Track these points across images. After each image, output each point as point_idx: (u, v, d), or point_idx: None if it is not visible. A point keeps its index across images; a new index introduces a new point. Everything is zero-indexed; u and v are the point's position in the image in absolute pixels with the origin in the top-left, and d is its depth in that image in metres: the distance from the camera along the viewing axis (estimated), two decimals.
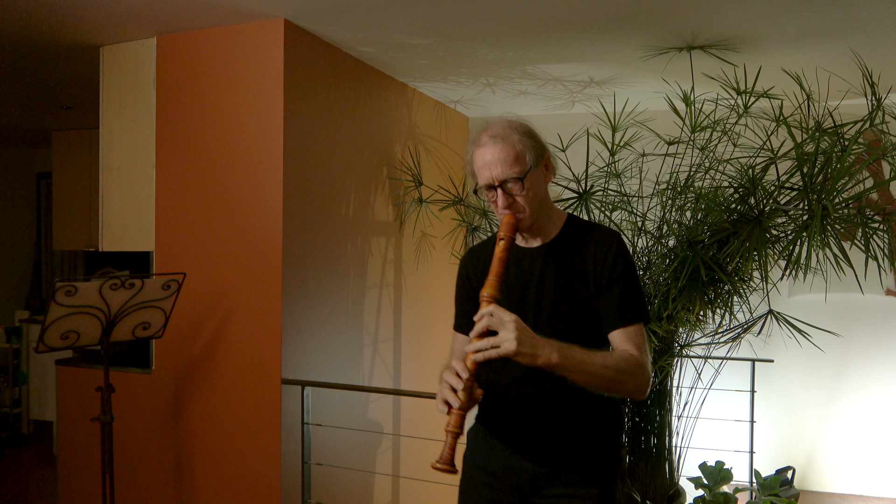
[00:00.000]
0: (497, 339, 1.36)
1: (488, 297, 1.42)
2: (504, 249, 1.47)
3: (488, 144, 1.53)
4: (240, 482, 2.93)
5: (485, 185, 1.54)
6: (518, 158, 1.52)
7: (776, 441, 4.47)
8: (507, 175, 1.51)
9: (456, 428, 1.35)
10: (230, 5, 2.70)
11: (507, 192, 1.52)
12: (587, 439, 1.61)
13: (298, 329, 2.97)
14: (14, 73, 3.71)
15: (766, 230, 2.48)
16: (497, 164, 1.51)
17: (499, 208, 1.54)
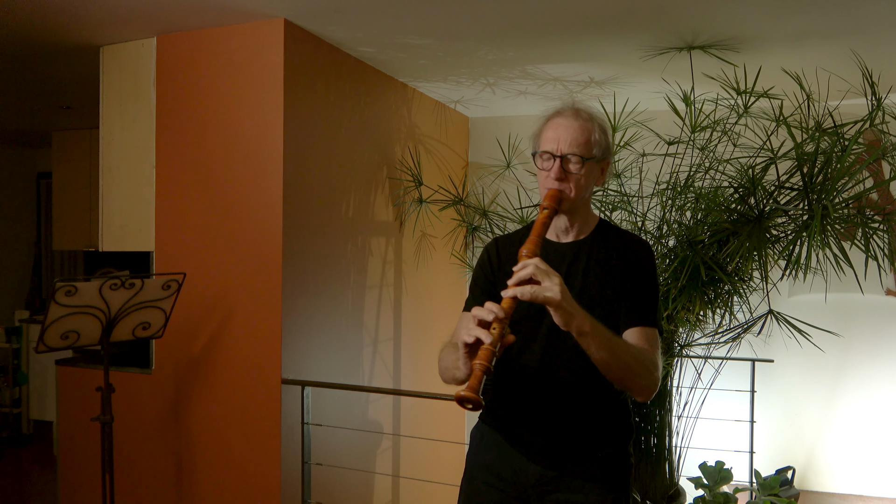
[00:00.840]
0: (542, 286, 1.33)
1: (528, 252, 1.39)
2: (547, 217, 1.48)
3: (570, 117, 1.55)
4: (240, 482, 2.93)
5: (547, 150, 1.54)
6: (589, 143, 1.54)
7: (776, 441, 4.47)
8: (573, 150, 1.52)
9: (486, 361, 1.27)
10: (230, 5, 2.70)
11: (563, 168, 1.52)
12: (597, 443, 1.59)
13: (298, 329, 2.97)
14: (14, 73, 3.71)
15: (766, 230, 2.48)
16: (569, 136, 1.52)
17: (549, 178, 1.53)
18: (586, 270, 1.57)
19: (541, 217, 1.48)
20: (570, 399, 1.56)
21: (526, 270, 1.35)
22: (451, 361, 1.48)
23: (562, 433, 1.56)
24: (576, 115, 1.56)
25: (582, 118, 1.55)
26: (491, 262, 1.67)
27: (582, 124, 1.54)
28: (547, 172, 1.54)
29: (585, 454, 1.57)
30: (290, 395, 2.89)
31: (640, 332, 1.53)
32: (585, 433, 1.57)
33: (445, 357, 1.56)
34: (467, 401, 1.26)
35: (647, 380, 1.48)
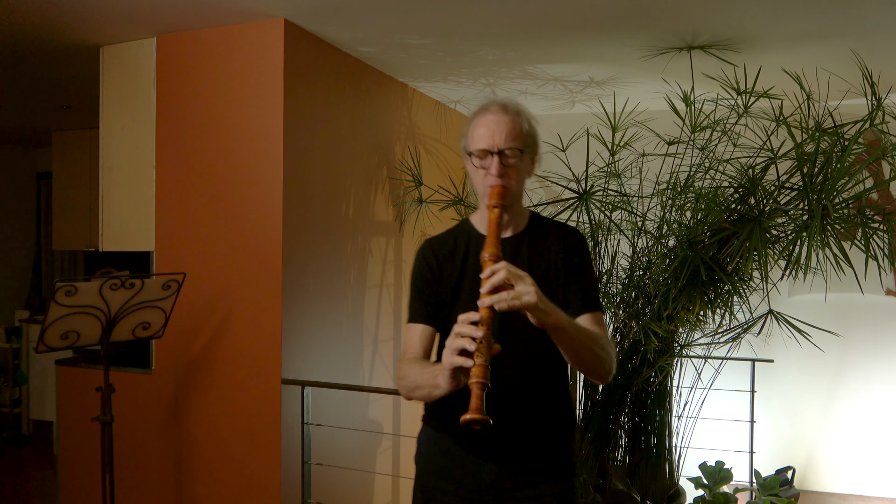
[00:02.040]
0: (517, 291, 1.32)
1: (492, 255, 1.39)
2: (499, 216, 1.49)
3: (499, 112, 1.56)
4: (240, 482, 2.93)
5: (482, 148, 1.54)
6: (522, 135, 1.56)
7: (776, 441, 4.47)
8: (509, 144, 1.53)
9: (483, 378, 1.26)
10: (230, 5, 2.70)
11: (502, 163, 1.53)
12: (547, 436, 1.61)
13: (298, 329, 2.97)
14: (14, 73, 3.71)
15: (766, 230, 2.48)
16: (503, 131, 1.54)
17: (489, 176, 1.53)
18: (529, 264, 1.58)
19: (494, 217, 1.48)
20: (519, 395, 1.57)
21: (499, 276, 1.33)
22: (425, 379, 1.45)
23: (513, 430, 1.57)
24: (504, 109, 1.57)
25: (511, 112, 1.57)
26: (431, 268, 1.64)
27: (512, 118, 1.56)
28: (485, 170, 1.55)
29: (537, 448, 1.59)
30: (290, 395, 2.89)
31: (593, 318, 1.56)
32: (536, 427, 1.59)
33: (413, 375, 1.51)
34: (476, 423, 1.25)
35: (609, 364, 1.52)
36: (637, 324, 2.96)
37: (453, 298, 1.60)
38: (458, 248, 1.64)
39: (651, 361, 2.94)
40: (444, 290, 1.61)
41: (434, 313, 1.61)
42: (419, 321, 1.62)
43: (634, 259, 3.12)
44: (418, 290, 1.65)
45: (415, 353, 1.58)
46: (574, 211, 3.01)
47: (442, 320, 1.60)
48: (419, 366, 1.52)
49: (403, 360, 1.58)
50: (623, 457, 3.19)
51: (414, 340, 1.60)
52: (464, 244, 1.64)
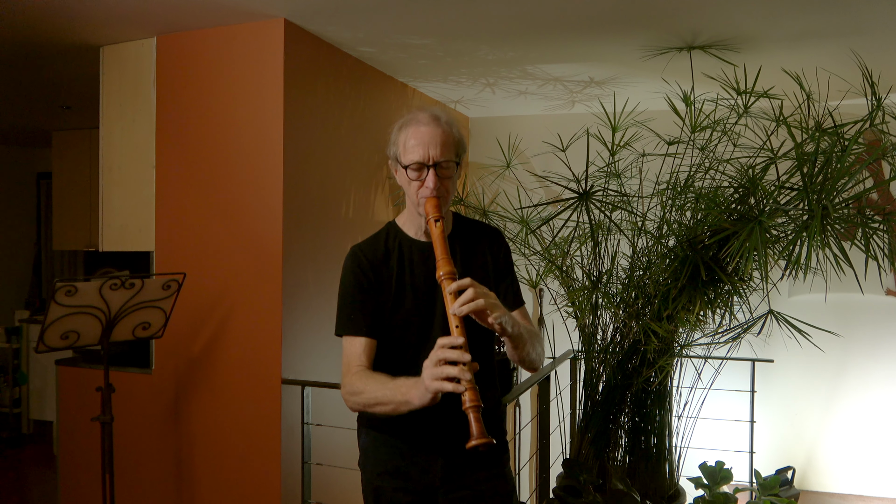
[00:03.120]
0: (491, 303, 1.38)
1: (449, 273, 1.42)
2: (442, 230, 1.50)
3: (431, 124, 1.55)
4: (240, 482, 2.93)
5: (417, 161, 1.53)
6: (453, 145, 1.57)
7: (776, 441, 4.47)
8: (445, 157, 1.54)
9: (477, 402, 1.30)
10: (230, 5, 2.70)
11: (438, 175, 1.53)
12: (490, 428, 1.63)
13: (298, 329, 2.97)
14: (14, 73, 3.71)
15: (766, 230, 2.48)
16: (437, 144, 1.53)
17: (426, 188, 1.53)
18: (463, 263, 1.63)
19: (438, 232, 1.49)
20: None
21: (470, 292, 1.36)
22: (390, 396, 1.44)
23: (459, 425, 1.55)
24: (436, 120, 1.56)
25: (443, 123, 1.56)
26: (367, 277, 1.60)
27: (444, 129, 1.55)
28: (420, 183, 1.54)
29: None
30: (290, 395, 2.89)
31: (521, 313, 1.67)
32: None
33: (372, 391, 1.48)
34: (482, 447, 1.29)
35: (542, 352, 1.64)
36: (637, 324, 2.96)
37: (396, 301, 1.60)
38: (392, 254, 1.63)
39: (651, 361, 2.94)
40: (383, 295, 1.61)
41: (373, 323, 1.59)
42: (360, 333, 1.58)
43: (634, 259, 3.12)
44: (352, 300, 1.60)
45: (360, 365, 1.55)
46: (574, 211, 3.01)
47: (384, 325, 1.60)
48: (375, 381, 1.49)
49: (351, 374, 1.54)
50: (623, 457, 3.19)
51: (356, 353, 1.56)
52: (396, 249, 1.64)
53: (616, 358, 3.13)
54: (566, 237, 3.31)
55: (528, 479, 4.10)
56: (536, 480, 3.32)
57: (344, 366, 1.58)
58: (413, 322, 1.59)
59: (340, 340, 1.63)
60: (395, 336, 1.60)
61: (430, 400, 1.36)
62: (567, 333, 3.66)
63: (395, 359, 1.59)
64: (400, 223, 1.68)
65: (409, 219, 1.66)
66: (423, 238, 1.64)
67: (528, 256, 3.61)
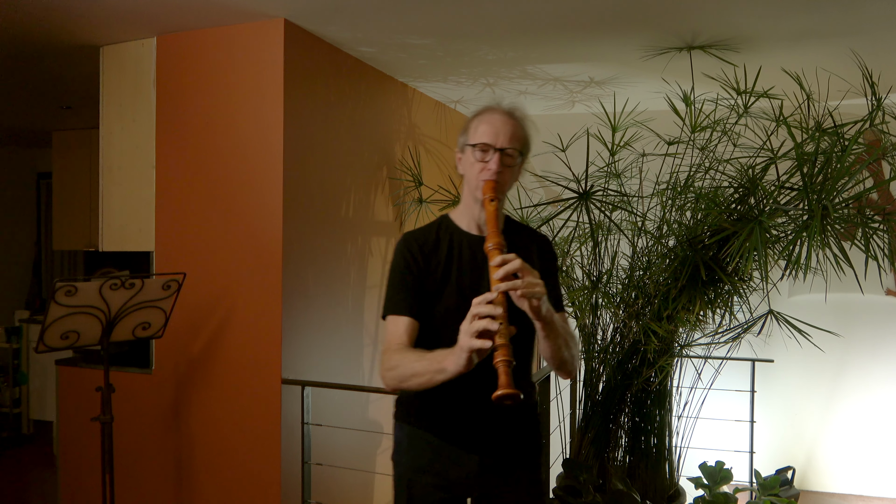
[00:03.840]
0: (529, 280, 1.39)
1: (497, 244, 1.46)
2: (496, 209, 1.56)
3: (506, 114, 1.63)
4: (240, 482, 2.93)
5: (485, 142, 1.59)
6: (522, 139, 1.64)
7: (776, 441, 4.47)
8: (512, 145, 1.60)
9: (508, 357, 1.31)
10: (230, 5, 2.70)
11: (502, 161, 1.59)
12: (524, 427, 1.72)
13: (298, 329, 2.97)
14: (14, 73, 3.71)
15: (766, 230, 2.48)
16: (507, 132, 1.60)
17: (487, 171, 1.59)
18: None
19: (492, 209, 1.55)
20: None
21: (514, 264, 1.40)
22: (425, 366, 1.46)
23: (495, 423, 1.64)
24: (511, 112, 1.64)
25: (516, 116, 1.64)
26: (417, 261, 1.66)
27: (517, 122, 1.64)
28: (482, 164, 1.60)
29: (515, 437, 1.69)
30: (290, 395, 2.89)
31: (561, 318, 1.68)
32: (514, 420, 1.68)
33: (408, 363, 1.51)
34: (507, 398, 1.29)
35: (577, 358, 1.65)
36: (637, 324, 2.96)
37: (438, 292, 1.63)
38: (442, 243, 1.69)
39: (651, 361, 2.94)
40: (429, 283, 1.64)
41: (418, 306, 1.62)
42: (404, 313, 1.61)
43: (634, 259, 3.12)
44: (401, 282, 1.64)
45: (402, 343, 1.58)
46: (574, 211, 3.01)
47: (426, 313, 1.63)
48: (413, 354, 1.53)
49: (391, 350, 1.58)
50: (623, 457, 3.19)
51: (399, 332, 1.59)
52: (447, 239, 1.69)
53: (616, 358, 3.13)
54: (566, 237, 3.31)
55: None
56: None
57: (385, 344, 1.62)
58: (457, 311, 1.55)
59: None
60: (437, 325, 1.61)
61: (466, 362, 1.35)
62: None
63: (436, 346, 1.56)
64: (453, 216, 1.74)
65: (464, 211, 1.71)
66: (475, 231, 1.69)
67: None
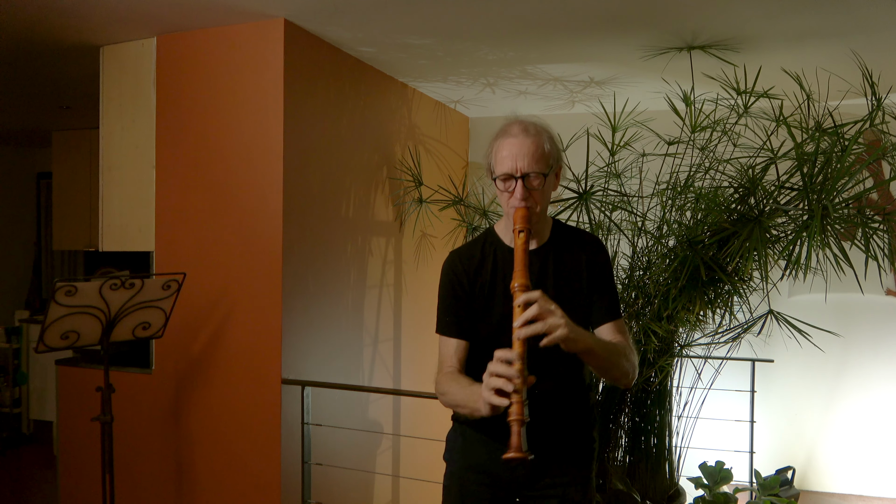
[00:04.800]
0: (550, 324, 1.38)
1: (521, 286, 1.44)
2: (525, 241, 1.52)
3: (520, 136, 1.58)
4: (240, 482, 2.93)
5: (506, 173, 1.57)
6: (544, 156, 1.58)
7: (776, 441, 4.47)
8: (532, 169, 1.56)
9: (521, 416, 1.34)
10: (230, 5, 2.70)
11: (526, 186, 1.56)
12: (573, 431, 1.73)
13: (298, 329, 2.97)
14: (14, 73, 3.71)
15: (766, 230, 2.48)
16: (525, 156, 1.56)
17: (514, 199, 1.56)
18: (556, 273, 1.64)
19: (520, 243, 1.51)
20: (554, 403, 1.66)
21: (532, 310, 1.39)
22: (466, 400, 1.50)
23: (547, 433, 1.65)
24: (525, 131, 1.58)
25: (531, 133, 1.58)
26: (462, 282, 1.68)
27: (533, 140, 1.57)
28: (509, 193, 1.57)
29: (567, 446, 1.71)
30: (290, 395, 2.89)
31: (615, 326, 1.65)
32: (567, 430, 1.70)
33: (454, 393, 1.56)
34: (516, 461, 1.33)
35: (633, 371, 1.61)
36: (637, 324, 2.96)
37: (486, 309, 1.65)
38: (487, 261, 1.68)
39: (651, 361, 2.94)
40: (476, 302, 1.66)
41: (466, 326, 1.66)
42: (453, 335, 1.67)
43: (634, 259, 3.12)
44: (449, 303, 1.68)
45: (451, 366, 1.64)
46: (574, 211, 3.01)
47: (474, 332, 1.66)
48: (458, 384, 1.56)
49: (442, 374, 1.63)
50: (623, 457, 3.19)
51: (449, 354, 1.65)
52: (491, 256, 1.68)
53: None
54: None
55: None
56: None
57: (438, 364, 1.67)
58: (502, 327, 1.59)
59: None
60: (485, 340, 1.63)
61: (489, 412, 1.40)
62: None
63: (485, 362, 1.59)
64: (498, 230, 1.73)
65: (506, 227, 1.69)
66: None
67: None
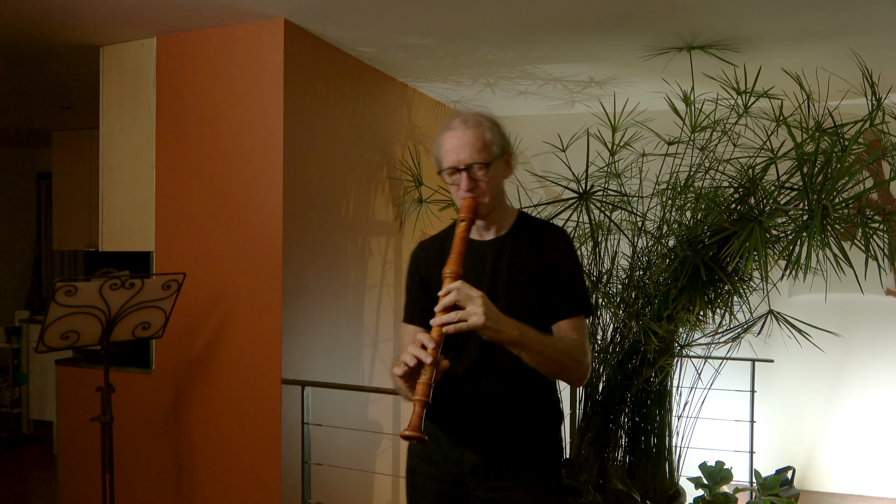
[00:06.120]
0: (465, 312, 1.40)
1: (451, 273, 1.46)
2: (465, 230, 1.54)
3: (459, 128, 1.61)
4: (240, 482, 2.93)
5: (450, 166, 1.60)
6: (485, 146, 1.60)
7: (776, 441, 4.47)
8: (474, 159, 1.59)
9: (424, 397, 1.36)
10: (230, 5, 2.70)
11: (470, 177, 1.59)
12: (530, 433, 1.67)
13: (298, 329, 2.97)
14: (14, 73, 3.71)
15: (766, 230, 2.48)
16: (466, 147, 1.59)
17: (460, 191, 1.60)
18: (511, 264, 1.64)
19: (459, 231, 1.54)
20: (506, 397, 1.64)
21: (449, 297, 1.41)
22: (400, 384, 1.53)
23: (499, 427, 1.64)
24: (465, 123, 1.61)
25: (471, 125, 1.61)
26: (420, 272, 1.73)
27: (473, 131, 1.60)
28: (456, 186, 1.62)
29: (519, 443, 1.66)
30: (290, 395, 2.89)
31: (570, 323, 1.62)
32: (521, 426, 1.66)
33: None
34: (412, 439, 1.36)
35: (577, 371, 1.59)
36: (637, 324, 2.96)
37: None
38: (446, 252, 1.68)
39: (651, 361, 2.94)
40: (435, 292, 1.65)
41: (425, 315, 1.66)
42: (412, 322, 1.72)
43: (634, 259, 3.12)
44: (409, 291, 1.76)
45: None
46: (574, 211, 3.01)
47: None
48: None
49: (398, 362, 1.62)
50: (623, 457, 3.19)
51: (406, 341, 1.68)
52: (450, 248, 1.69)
53: (616, 358, 3.13)
54: None
55: None
56: None
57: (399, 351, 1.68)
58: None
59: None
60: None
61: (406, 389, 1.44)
62: None
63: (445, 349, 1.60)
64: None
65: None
66: (476, 237, 1.70)
67: None
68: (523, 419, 1.66)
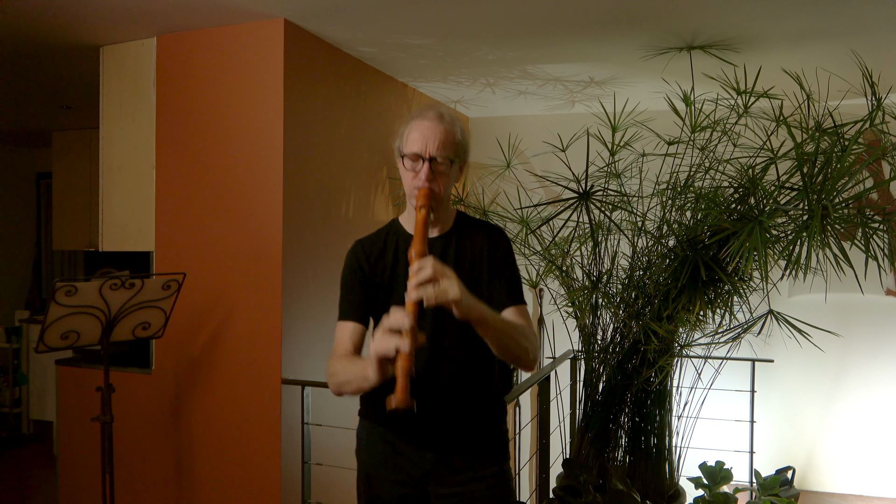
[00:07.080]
0: (441, 286, 1.40)
1: (418, 253, 1.47)
2: (425, 217, 1.56)
3: (434, 120, 1.62)
4: (240, 482, 2.93)
5: (415, 153, 1.60)
6: (453, 144, 1.63)
7: (776, 441, 4.47)
8: (441, 153, 1.60)
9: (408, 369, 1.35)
10: (230, 5, 2.70)
11: (432, 169, 1.60)
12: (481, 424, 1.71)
13: (298, 329, 2.97)
14: (14, 73, 3.71)
15: (766, 230, 2.48)
16: (436, 139, 1.60)
17: (418, 179, 1.60)
18: (457, 260, 1.67)
19: (421, 217, 1.55)
20: (456, 388, 1.67)
21: (425, 272, 1.40)
22: (355, 373, 1.52)
23: (450, 420, 1.66)
24: (440, 117, 1.63)
25: (446, 121, 1.63)
26: (362, 268, 1.72)
27: (447, 127, 1.62)
28: (414, 173, 1.62)
29: (472, 436, 1.69)
30: (290, 395, 2.89)
31: (517, 311, 1.66)
32: (471, 417, 1.69)
33: (343, 370, 1.57)
34: (403, 410, 1.32)
35: (534, 352, 1.62)
36: (637, 324, 2.96)
37: (385, 297, 1.67)
38: (388, 249, 1.72)
39: (651, 361, 2.94)
40: (376, 288, 1.69)
41: (364, 311, 1.69)
42: (350, 319, 1.68)
43: (634, 259, 3.12)
44: (349, 289, 1.72)
45: (345, 349, 1.64)
46: (574, 211, 3.01)
47: (376, 317, 1.66)
48: (348, 361, 1.59)
49: (333, 357, 1.64)
50: (623, 457, 3.19)
51: (344, 338, 1.66)
52: (393, 244, 1.72)
53: (616, 358, 3.13)
54: (566, 237, 3.31)
55: (528, 479, 4.10)
56: (536, 480, 3.32)
57: (332, 350, 1.68)
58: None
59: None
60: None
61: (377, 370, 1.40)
62: (567, 333, 3.66)
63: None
64: (401, 220, 1.77)
65: (409, 215, 1.73)
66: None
67: (528, 256, 3.62)
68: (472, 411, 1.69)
